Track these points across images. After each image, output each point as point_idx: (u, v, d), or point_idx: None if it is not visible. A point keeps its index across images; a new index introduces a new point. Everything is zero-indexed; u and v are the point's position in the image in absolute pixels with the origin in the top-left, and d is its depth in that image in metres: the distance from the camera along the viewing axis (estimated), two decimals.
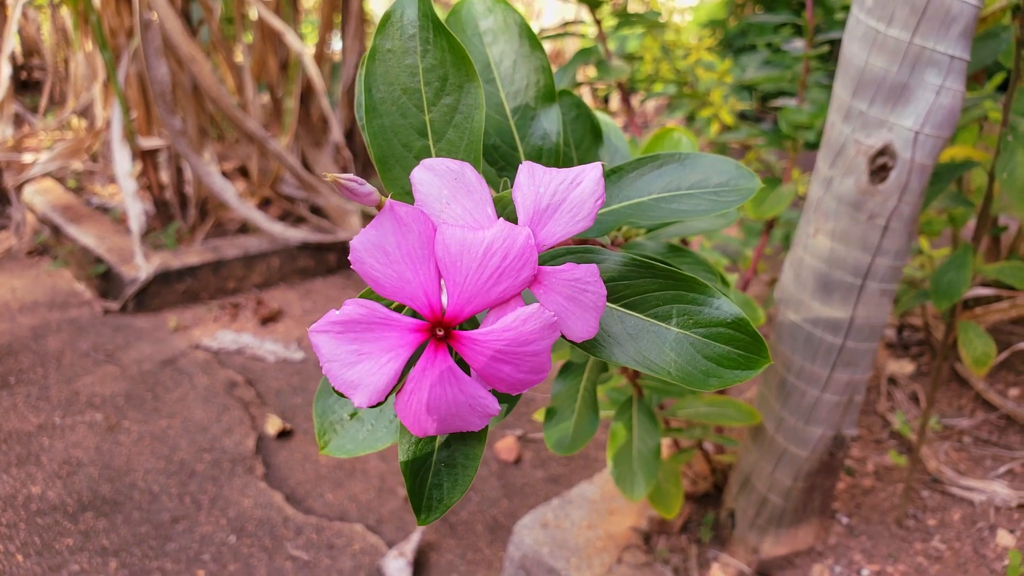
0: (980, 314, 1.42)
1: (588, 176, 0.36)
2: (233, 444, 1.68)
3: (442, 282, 0.34)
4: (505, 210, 0.39)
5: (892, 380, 1.67)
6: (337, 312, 0.33)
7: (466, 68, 0.41)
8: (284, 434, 1.74)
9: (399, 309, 0.38)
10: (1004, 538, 1.23)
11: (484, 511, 1.53)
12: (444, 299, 0.35)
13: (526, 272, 0.34)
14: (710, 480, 1.37)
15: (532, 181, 0.36)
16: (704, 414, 1.11)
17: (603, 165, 0.37)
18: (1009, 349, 1.55)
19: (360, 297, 0.35)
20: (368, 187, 0.37)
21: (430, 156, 0.41)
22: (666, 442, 1.33)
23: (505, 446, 1.72)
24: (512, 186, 0.36)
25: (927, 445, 1.43)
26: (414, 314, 0.36)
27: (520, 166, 0.36)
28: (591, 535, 1.26)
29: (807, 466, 1.14)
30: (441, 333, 0.35)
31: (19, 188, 2.74)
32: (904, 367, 1.69)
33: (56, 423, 1.71)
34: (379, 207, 0.38)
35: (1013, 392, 1.55)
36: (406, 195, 0.40)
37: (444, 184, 0.35)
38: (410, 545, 1.39)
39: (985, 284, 1.49)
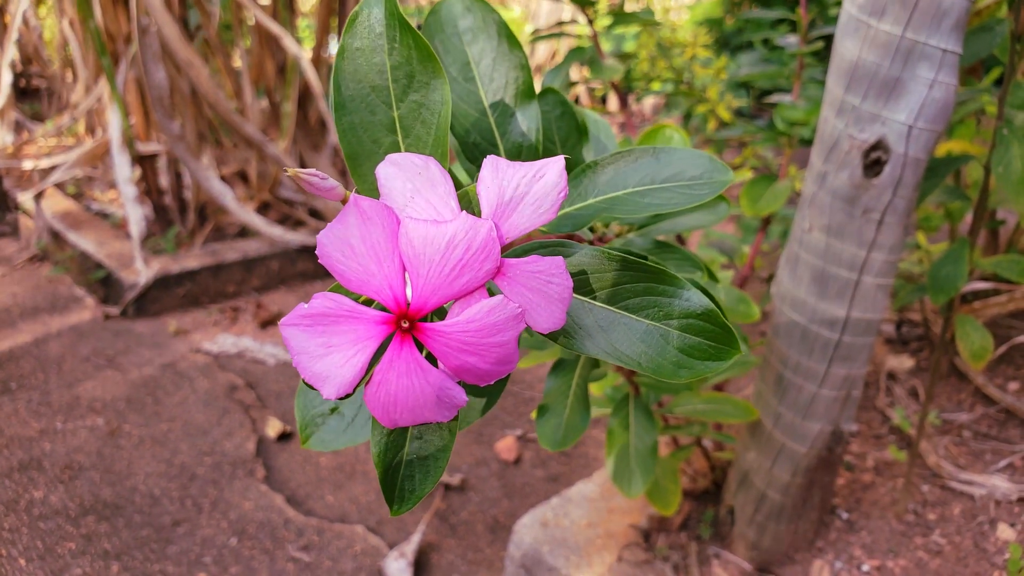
0: (978, 308, 1.42)
1: (551, 169, 0.37)
2: (234, 447, 1.68)
3: (407, 275, 0.35)
4: (470, 204, 0.39)
5: (891, 375, 1.66)
6: (306, 305, 0.34)
7: (432, 65, 0.42)
8: (284, 436, 1.75)
9: (367, 303, 0.38)
10: (1004, 532, 1.23)
11: (484, 511, 1.53)
12: (409, 292, 0.35)
13: (489, 264, 0.34)
14: (709, 477, 1.36)
15: (496, 175, 0.36)
16: (702, 411, 1.11)
17: (567, 159, 0.37)
18: (1008, 343, 1.54)
19: (329, 291, 0.35)
20: (331, 182, 0.37)
21: (399, 151, 0.41)
22: (665, 439, 1.33)
23: (505, 446, 1.72)
24: (477, 181, 0.36)
25: (926, 440, 1.42)
26: (381, 307, 0.36)
27: (484, 160, 0.37)
28: (591, 533, 1.26)
29: (806, 462, 1.14)
30: (406, 325, 0.35)
31: (39, 196, 2.74)
32: (903, 362, 1.69)
33: (57, 428, 1.71)
34: (344, 201, 0.38)
35: (1012, 386, 1.54)
36: (376, 191, 0.41)
37: (408, 178, 0.36)
38: (411, 546, 1.39)
39: (983, 278, 1.49)
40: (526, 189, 0.36)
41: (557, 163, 0.36)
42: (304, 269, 2.65)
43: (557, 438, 0.78)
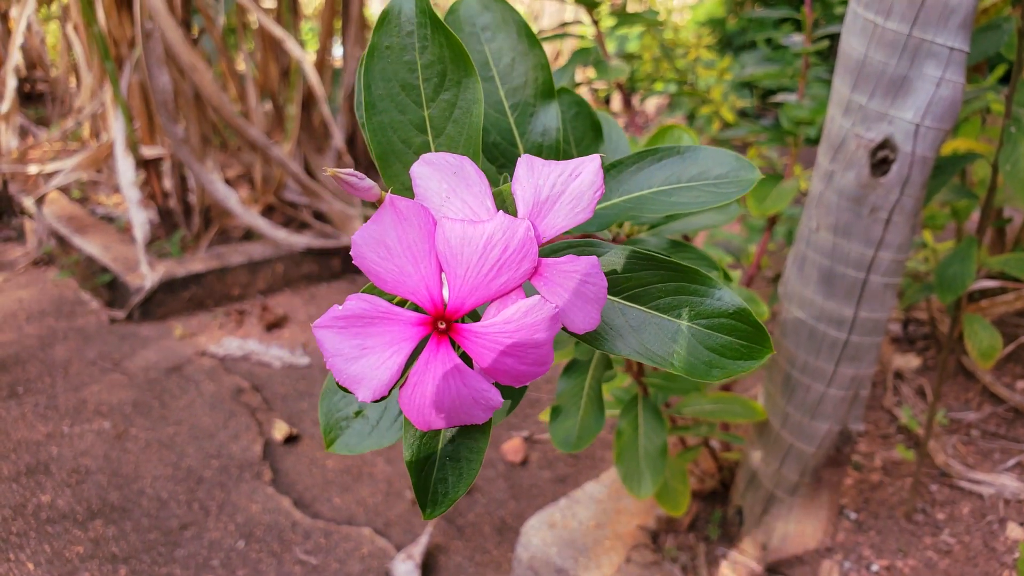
0: (985, 307, 1.42)
1: (587, 168, 0.36)
2: (240, 450, 1.68)
3: (443, 276, 0.35)
4: (504, 203, 0.39)
5: (898, 375, 1.66)
6: (340, 307, 0.33)
7: (464, 64, 0.42)
8: (291, 439, 1.75)
9: (402, 303, 0.38)
10: (1014, 531, 1.23)
11: (491, 512, 1.53)
12: (445, 293, 0.35)
13: (526, 264, 0.34)
14: (717, 477, 1.36)
15: (531, 174, 0.36)
16: (710, 411, 1.11)
17: (602, 157, 0.37)
18: (1015, 342, 1.54)
19: (362, 292, 0.35)
20: (368, 182, 0.37)
21: (430, 151, 0.41)
22: (672, 440, 1.33)
23: (512, 447, 1.72)
24: (511, 180, 0.36)
25: (935, 439, 1.42)
26: (416, 308, 0.36)
27: (519, 159, 0.36)
28: (599, 534, 1.26)
29: (814, 462, 1.14)
30: (443, 326, 0.35)
31: (40, 200, 2.75)
32: (910, 361, 1.68)
33: (64, 432, 1.71)
34: (379, 202, 0.38)
35: (1021, 384, 1.54)
36: (406, 191, 0.40)
37: (443, 178, 0.36)
38: (418, 548, 1.39)
39: (990, 276, 1.49)
40: (562, 188, 0.36)
41: (593, 161, 0.36)
42: (309, 271, 2.65)
43: (571, 440, 0.78)
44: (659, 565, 1.21)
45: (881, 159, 0.94)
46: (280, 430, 1.75)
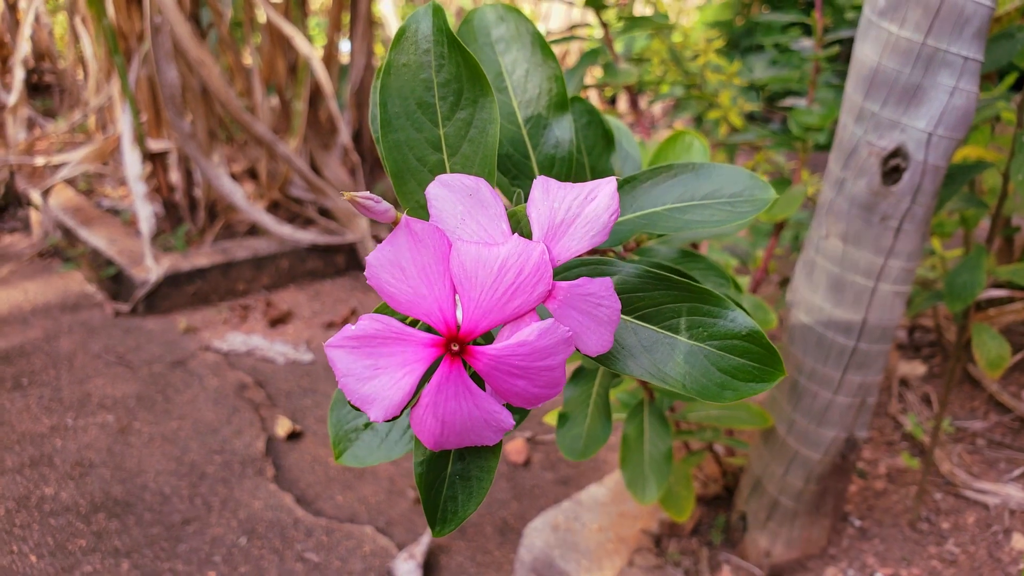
0: (993, 316, 1.41)
1: (603, 191, 0.36)
2: (243, 446, 1.69)
3: (457, 297, 0.34)
4: (519, 225, 0.39)
5: (904, 382, 1.66)
6: (353, 327, 0.33)
7: (481, 83, 0.41)
8: (294, 436, 1.75)
9: (414, 324, 0.38)
10: (1019, 541, 1.22)
11: (494, 513, 1.53)
12: (459, 314, 0.35)
13: (541, 288, 0.34)
14: (721, 483, 1.36)
15: (546, 196, 0.36)
16: (715, 417, 1.11)
17: (617, 179, 0.37)
18: (1023, 351, 1.53)
19: (375, 312, 0.35)
20: (384, 204, 0.37)
21: (444, 170, 0.40)
22: (676, 444, 1.32)
23: (514, 448, 1.72)
24: (525, 199, 0.36)
25: (940, 447, 1.42)
26: (429, 329, 0.36)
27: (535, 181, 0.36)
28: (602, 537, 1.26)
29: (819, 468, 1.13)
30: (456, 348, 0.35)
31: (46, 192, 2.75)
32: (916, 369, 1.68)
33: (68, 424, 1.72)
34: (395, 223, 0.38)
35: None
36: (421, 209, 0.40)
37: (459, 200, 0.35)
38: (420, 547, 1.39)
39: (998, 285, 1.48)
40: (578, 211, 0.36)
41: (609, 184, 0.36)
42: (314, 268, 2.65)
43: (578, 448, 0.78)
44: (662, 569, 1.21)
45: (893, 167, 0.94)
46: (283, 426, 1.75)
